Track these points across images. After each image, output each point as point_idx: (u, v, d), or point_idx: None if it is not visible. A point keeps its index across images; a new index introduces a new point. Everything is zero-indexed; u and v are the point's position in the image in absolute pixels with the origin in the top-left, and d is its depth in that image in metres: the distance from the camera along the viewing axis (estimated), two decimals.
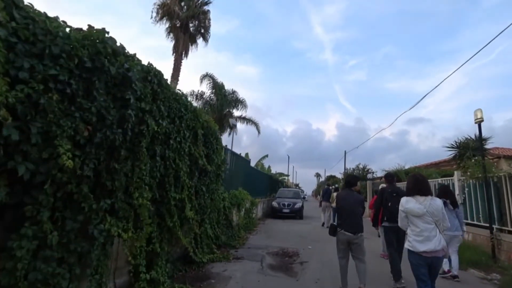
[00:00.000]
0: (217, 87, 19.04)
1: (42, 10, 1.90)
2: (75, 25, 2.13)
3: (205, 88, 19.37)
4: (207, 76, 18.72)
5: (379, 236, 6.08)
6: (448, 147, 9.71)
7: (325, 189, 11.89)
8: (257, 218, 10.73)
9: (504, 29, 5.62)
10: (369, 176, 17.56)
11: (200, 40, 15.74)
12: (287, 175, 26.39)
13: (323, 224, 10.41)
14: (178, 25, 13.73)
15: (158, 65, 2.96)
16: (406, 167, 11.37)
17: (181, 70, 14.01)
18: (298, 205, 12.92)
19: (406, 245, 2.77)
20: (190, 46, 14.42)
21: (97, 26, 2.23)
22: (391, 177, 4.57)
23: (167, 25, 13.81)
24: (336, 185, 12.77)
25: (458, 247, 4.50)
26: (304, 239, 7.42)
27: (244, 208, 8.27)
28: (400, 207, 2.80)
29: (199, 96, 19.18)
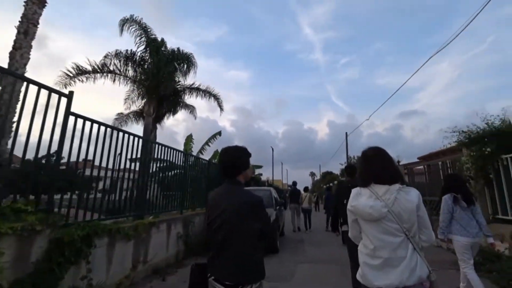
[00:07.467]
0: (151, 42, 12.46)
1: None
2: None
3: (134, 46, 12.77)
4: (131, 21, 12.07)
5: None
6: None
7: (292, 188, 10.66)
8: (142, 272, 4.06)
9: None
10: None
11: None
12: (260, 166, 18.29)
13: (294, 230, 9.79)
14: None
15: None
16: None
17: None
18: None
19: (357, 274, 1.50)
20: None
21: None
22: (351, 169, 3.84)
23: None
24: (330, 184, 11.48)
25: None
26: None
27: None
28: (348, 206, 1.57)
29: (130, 57, 12.51)
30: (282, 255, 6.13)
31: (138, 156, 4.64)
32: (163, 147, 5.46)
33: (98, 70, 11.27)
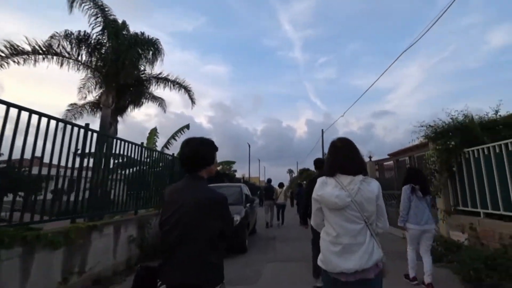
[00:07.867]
0: (109, 23, 11.19)
1: None
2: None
3: (89, 27, 11.30)
4: None
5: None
6: None
7: (266, 186, 10.80)
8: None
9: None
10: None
11: None
12: (233, 162, 17.63)
13: (267, 225, 9.70)
14: None
15: None
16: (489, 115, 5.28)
17: None
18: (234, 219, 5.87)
19: (318, 260, 1.59)
20: None
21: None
22: (320, 163, 4.01)
23: None
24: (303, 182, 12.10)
25: (431, 246, 3.68)
26: None
27: None
28: (313, 195, 1.62)
29: (83, 40, 11.04)
30: (250, 255, 5.73)
31: (80, 150, 3.88)
32: (119, 141, 4.75)
33: (40, 52, 9.71)
